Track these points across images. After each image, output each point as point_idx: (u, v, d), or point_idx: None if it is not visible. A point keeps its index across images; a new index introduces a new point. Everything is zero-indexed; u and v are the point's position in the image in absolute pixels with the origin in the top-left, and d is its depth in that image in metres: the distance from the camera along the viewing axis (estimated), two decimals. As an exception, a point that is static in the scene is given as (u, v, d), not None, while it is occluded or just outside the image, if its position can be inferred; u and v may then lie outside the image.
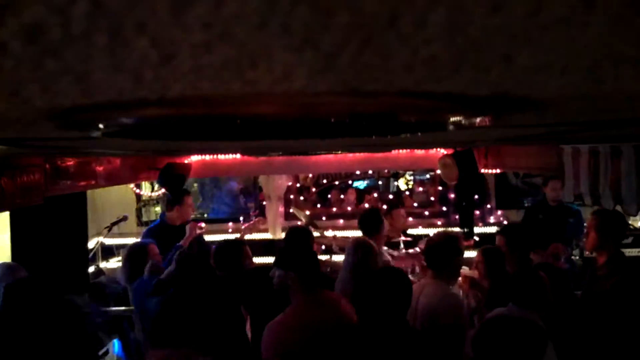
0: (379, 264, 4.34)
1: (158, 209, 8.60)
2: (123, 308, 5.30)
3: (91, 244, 6.91)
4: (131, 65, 0.65)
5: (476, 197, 8.09)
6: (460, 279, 4.22)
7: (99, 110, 0.98)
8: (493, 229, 7.67)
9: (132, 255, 4.82)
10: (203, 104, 0.87)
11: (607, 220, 4.12)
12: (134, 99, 0.88)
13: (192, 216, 6.83)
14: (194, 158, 6.55)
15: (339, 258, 6.26)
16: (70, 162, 4.42)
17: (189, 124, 1.05)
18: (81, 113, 1.02)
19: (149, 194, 8.48)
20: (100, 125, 1.14)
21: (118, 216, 7.28)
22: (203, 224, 6.09)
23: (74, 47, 0.57)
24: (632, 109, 1.14)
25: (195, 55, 0.61)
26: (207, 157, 6.62)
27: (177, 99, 0.85)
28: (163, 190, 7.25)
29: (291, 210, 8.17)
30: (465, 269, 4.48)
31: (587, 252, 4.56)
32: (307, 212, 8.00)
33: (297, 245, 3.96)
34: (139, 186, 8.19)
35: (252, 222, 6.38)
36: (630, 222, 7.38)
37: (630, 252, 7.50)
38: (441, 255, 3.77)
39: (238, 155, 6.48)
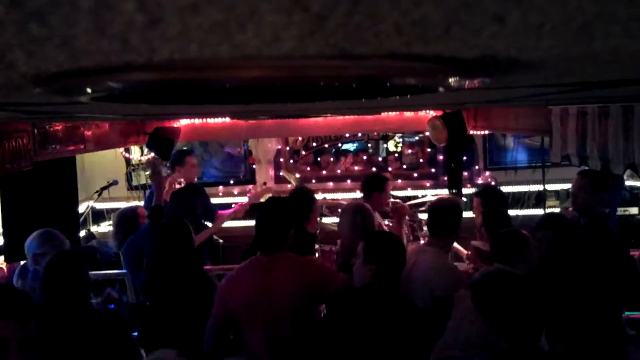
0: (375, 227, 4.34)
1: (147, 172, 8.56)
2: (115, 271, 5.32)
3: (81, 208, 6.91)
4: (117, 29, 0.64)
5: (465, 158, 8.12)
6: (470, 252, 4.19)
7: (85, 75, 0.97)
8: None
9: (123, 220, 4.83)
10: (191, 68, 0.87)
11: (591, 180, 4.16)
12: (121, 63, 0.87)
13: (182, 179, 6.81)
14: (183, 122, 6.51)
15: (329, 220, 6.29)
16: (59, 127, 4.39)
17: (177, 88, 1.04)
18: (67, 78, 1.01)
19: (139, 158, 8.44)
20: (88, 90, 1.13)
21: (108, 180, 7.27)
22: (183, 180, 6.03)
23: (58, 11, 0.56)
24: (622, 69, 1.14)
25: (182, 18, 0.60)
26: (197, 121, 6.58)
27: (165, 63, 0.84)
28: (152, 154, 7.21)
29: (281, 174, 8.18)
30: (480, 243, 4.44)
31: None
32: (297, 175, 8.01)
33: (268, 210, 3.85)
34: (128, 150, 8.15)
35: (259, 190, 6.28)
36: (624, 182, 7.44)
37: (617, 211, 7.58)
38: (444, 220, 3.69)
39: (227, 119, 6.44)
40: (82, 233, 6.88)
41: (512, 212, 8.06)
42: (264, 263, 3.27)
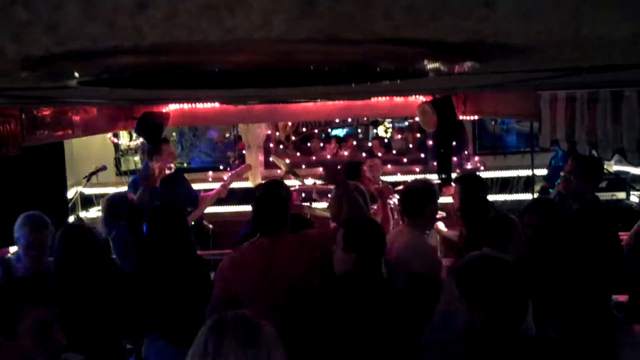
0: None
1: (137, 158, 8.54)
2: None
3: (70, 193, 6.88)
4: (104, 12, 0.64)
5: (454, 143, 8.14)
6: (438, 237, 4.23)
7: (73, 59, 0.96)
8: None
9: (112, 206, 4.82)
10: (180, 52, 0.86)
11: (584, 165, 4.18)
12: (109, 47, 0.86)
13: (177, 165, 6.81)
14: (172, 107, 6.47)
15: (318, 205, 6.30)
16: (47, 112, 4.36)
17: (166, 73, 1.04)
18: (55, 62, 1.00)
19: (127, 143, 8.40)
20: (76, 74, 1.12)
21: (96, 166, 7.22)
22: (173, 166, 6.04)
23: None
24: (609, 55, 1.15)
25: (171, 2, 0.59)
26: (186, 106, 6.54)
27: (153, 47, 0.84)
28: (141, 139, 7.17)
29: (271, 159, 8.17)
30: (446, 231, 4.48)
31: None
32: (287, 161, 8.00)
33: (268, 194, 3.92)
34: (116, 136, 8.11)
35: (238, 168, 6.29)
36: (605, 166, 7.49)
37: (603, 195, 7.65)
38: (415, 202, 3.77)
39: (217, 104, 6.41)
40: (71, 219, 6.85)
41: (501, 197, 8.15)
42: (267, 244, 3.34)
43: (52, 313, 2.08)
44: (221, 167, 8.43)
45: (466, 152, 8.56)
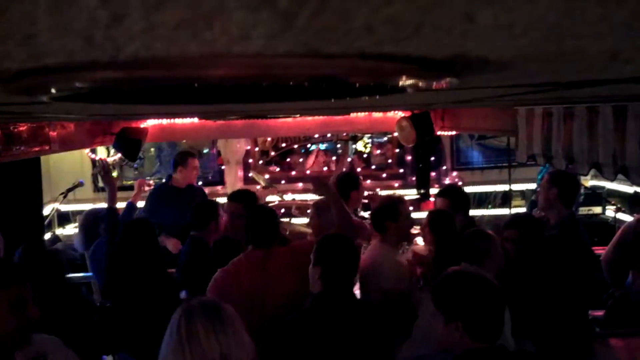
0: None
1: (114, 174, 8.44)
2: (81, 274, 5.24)
3: (46, 210, 6.78)
4: (80, 26, 0.62)
5: (432, 158, 8.19)
6: (410, 254, 4.22)
7: (48, 74, 0.94)
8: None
9: (84, 222, 4.78)
10: (157, 66, 0.85)
11: (560, 181, 4.23)
12: (85, 61, 0.85)
13: (152, 181, 6.75)
14: (151, 122, 6.42)
15: (298, 221, 6.28)
16: (23, 128, 4.30)
17: (143, 88, 1.02)
18: (30, 77, 0.98)
19: (105, 159, 8.31)
20: (52, 90, 1.10)
21: (74, 182, 7.14)
22: (153, 182, 6.03)
23: (17, 7, 0.54)
24: (591, 70, 1.15)
25: (147, 15, 0.58)
26: (164, 121, 6.50)
27: (130, 61, 0.82)
28: (119, 155, 7.11)
29: (250, 174, 8.14)
30: (420, 246, 4.47)
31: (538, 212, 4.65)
32: (267, 176, 7.98)
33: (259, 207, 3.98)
34: (94, 151, 8.02)
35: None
36: (581, 181, 7.58)
37: (580, 210, 7.72)
38: (378, 218, 3.89)
39: (196, 119, 6.38)
40: (47, 236, 6.75)
41: (478, 212, 8.19)
42: (260, 257, 3.41)
43: (26, 289, 2.20)
44: (200, 183, 8.37)
45: (444, 167, 8.60)
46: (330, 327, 2.88)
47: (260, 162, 8.59)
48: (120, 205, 4.72)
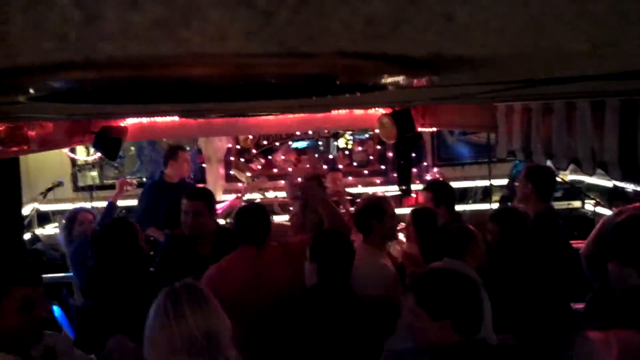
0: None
1: (94, 173, 8.38)
2: (62, 275, 5.20)
3: (26, 210, 6.70)
4: (53, 25, 0.61)
5: (413, 155, 8.22)
6: (398, 252, 4.22)
7: (22, 74, 0.93)
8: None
9: (66, 221, 4.75)
10: (134, 66, 0.84)
11: (536, 176, 4.27)
12: (59, 61, 0.83)
13: (135, 180, 6.71)
14: (131, 121, 6.37)
15: (280, 218, 6.27)
16: (1, 128, 4.24)
17: (120, 87, 1.01)
18: (3, 77, 0.96)
19: (85, 158, 8.24)
20: (29, 90, 1.09)
21: (53, 182, 7.07)
22: (135, 182, 6.00)
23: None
24: (568, 67, 1.16)
25: (122, 14, 0.57)
26: (144, 120, 6.45)
27: (106, 61, 0.81)
28: (99, 154, 7.05)
29: (232, 172, 8.11)
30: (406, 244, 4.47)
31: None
32: (249, 174, 7.95)
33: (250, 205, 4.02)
34: (73, 150, 7.94)
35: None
36: (560, 175, 7.65)
37: (559, 204, 7.80)
38: (363, 219, 3.80)
39: (176, 118, 6.33)
40: (27, 236, 6.67)
41: (460, 207, 8.23)
42: (253, 254, 3.43)
43: (37, 291, 2.37)
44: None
45: (425, 164, 8.64)
46: (325, 317, 2.89)
47: (242, 159, 8.55)
48: (102, 204, 4.70)
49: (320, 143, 9.15)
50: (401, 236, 4.66)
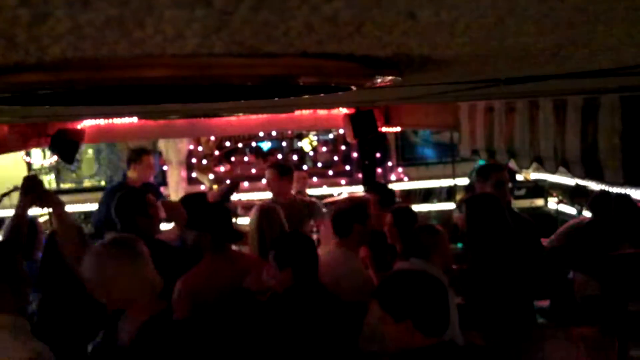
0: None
1: (51, 177, 8.20)
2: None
3: (-21, 217, 6.52)
4: (1, 25, 0.58)
5: (378, 155, 8.26)
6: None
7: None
8: (394, 186, 7.86)
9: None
10: (88, 67, 0.80)
11: (480, 171, 4.37)
12: (9, 62, 0.80)
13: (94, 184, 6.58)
14: (88, 123, 6.24)
15: (243, 221, 6.22)
16: (-48, 131, 4.11)
17: (75, 89, 0.97)
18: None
19: (41, 162, 8.05)
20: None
21: (7, 187, 6.88)
22: None
23: None
24: (533, 66, 1.16)
25: (72, 13, 0.54)
26: (102, 122, 6.32)
27: (58, 62, 0.78)
28: (55, 157, 6.90)
29: (194, 175, 8.02)
30: None
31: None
32: (211, 176, 7.88)
33: (210, 207, 3.95)
34: (29, 154, 7.76)
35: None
36: (523, 174, 7.78)
37: (523, 203, 7.92)
38: (344, 221, 3.70)
39: (135, 119, 6.22)
40: (-18, 243, 6.48)
41: (425, 207, 8.30)
42: (228, 256, 3.44)
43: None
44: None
45: (390, 164, 8.69)
46: (310, 318, 2.87)
47: (204, 161, 8.47)
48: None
49: (284, 144, 9.13)
50: None
